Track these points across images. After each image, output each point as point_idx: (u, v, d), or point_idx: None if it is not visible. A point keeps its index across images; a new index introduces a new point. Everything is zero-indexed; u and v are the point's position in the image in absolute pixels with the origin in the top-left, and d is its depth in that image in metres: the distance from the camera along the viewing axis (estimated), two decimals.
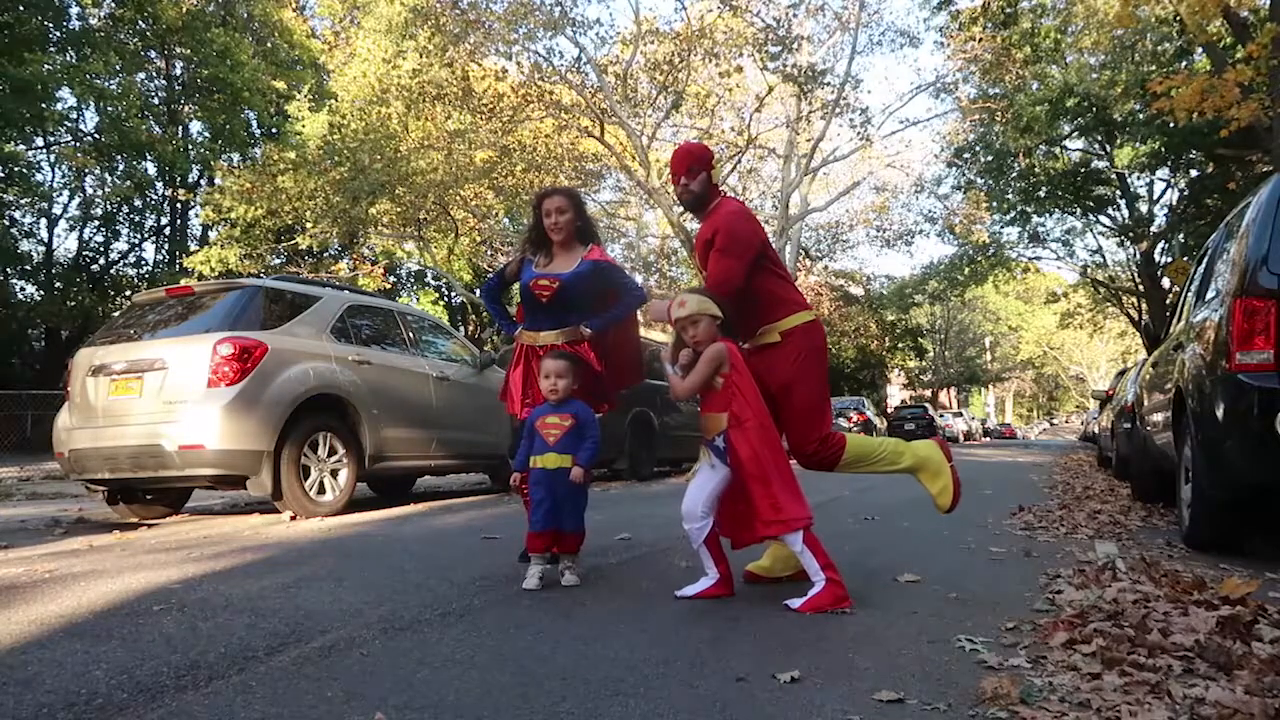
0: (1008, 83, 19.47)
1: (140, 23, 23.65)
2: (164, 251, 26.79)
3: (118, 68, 22.28)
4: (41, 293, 23.90)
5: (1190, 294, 5.31)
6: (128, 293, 24.16)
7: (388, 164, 16.22)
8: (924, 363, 48.96)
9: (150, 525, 6.11)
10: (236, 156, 24.89)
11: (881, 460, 3.35)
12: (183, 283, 12.45)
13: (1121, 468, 9.43)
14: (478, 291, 27.53)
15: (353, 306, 6.96)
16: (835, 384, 35.95)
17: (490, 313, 4.15)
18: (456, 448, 7.52)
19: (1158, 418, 5.59)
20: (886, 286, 35.40)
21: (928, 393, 51.76)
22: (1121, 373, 14.24)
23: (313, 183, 16.64)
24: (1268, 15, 12.13)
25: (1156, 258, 23.99)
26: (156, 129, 24.12)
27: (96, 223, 25.68)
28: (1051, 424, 72.06)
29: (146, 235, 27.14)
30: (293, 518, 5.88)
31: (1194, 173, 21.93)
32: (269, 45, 26.21)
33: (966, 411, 52.14)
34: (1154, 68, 18.93)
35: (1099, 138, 23.85)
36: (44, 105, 20.62)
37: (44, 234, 24.87)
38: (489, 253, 22.62)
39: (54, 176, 24.53)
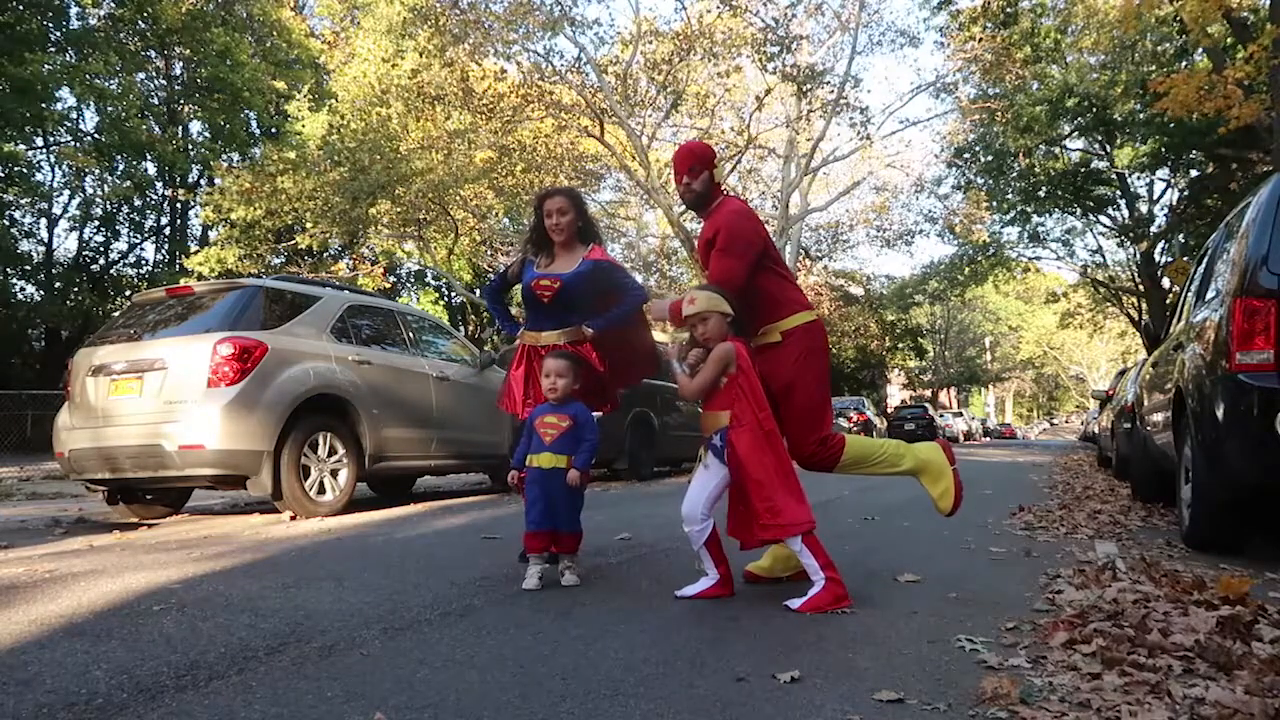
0: (1008, 83, 19.47)
1: (140, 23, 23.64)
2: (164, 251, 26.80)
3: (118, 67, 22.28)
4: (41, 293, 23.91)
5: (1190, 294, 5.31)
6: (128, 293, 24.17)
7: (387, 164, 16.22)
8: (924, 363, 48.97)
9: (150, 525, 6.11)
10: (236, 156, 24.90)
11: (882, 462, 3.35)
12: (183, 283, 12.45)
13: (1121, 468, 9.43)
14: (478, 291, 27.57)
15: (353, 306, 6.96)
16: (835, 384, 35.91)
17: (492, 313, 4.16)
18: (457, 448, 7.52)
19: (1158, 418, 5.59)
20: (886, 286, 35.41)
21: (928, 393, 51.77)
22: (1121, 373, 14.24)
23: (311, 183, 16.64)
24: (1268, 16, 12.13)
25: (1156, 258, 24.00)
26: (156, 129, 24.13)
27: (96, 223, 25.69)
28: (1051, 424, 72.07)
29: (146, 235, 27.15)
30: (293, 518, 5.88)
31: (1194, 173, 21.95)
32: (268, 45, 26.21)
33: (966, 411, 52.15)
34: (1154, 68, 18.94)
35: (1099, 138, 23.86)
36: (44, 105, 20.62)
37: (44, 234, 24.88)
38: (489, 253, 22.63)
39: (54, 176, 24.55)
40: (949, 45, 19.41)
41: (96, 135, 23.64)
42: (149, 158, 23.99)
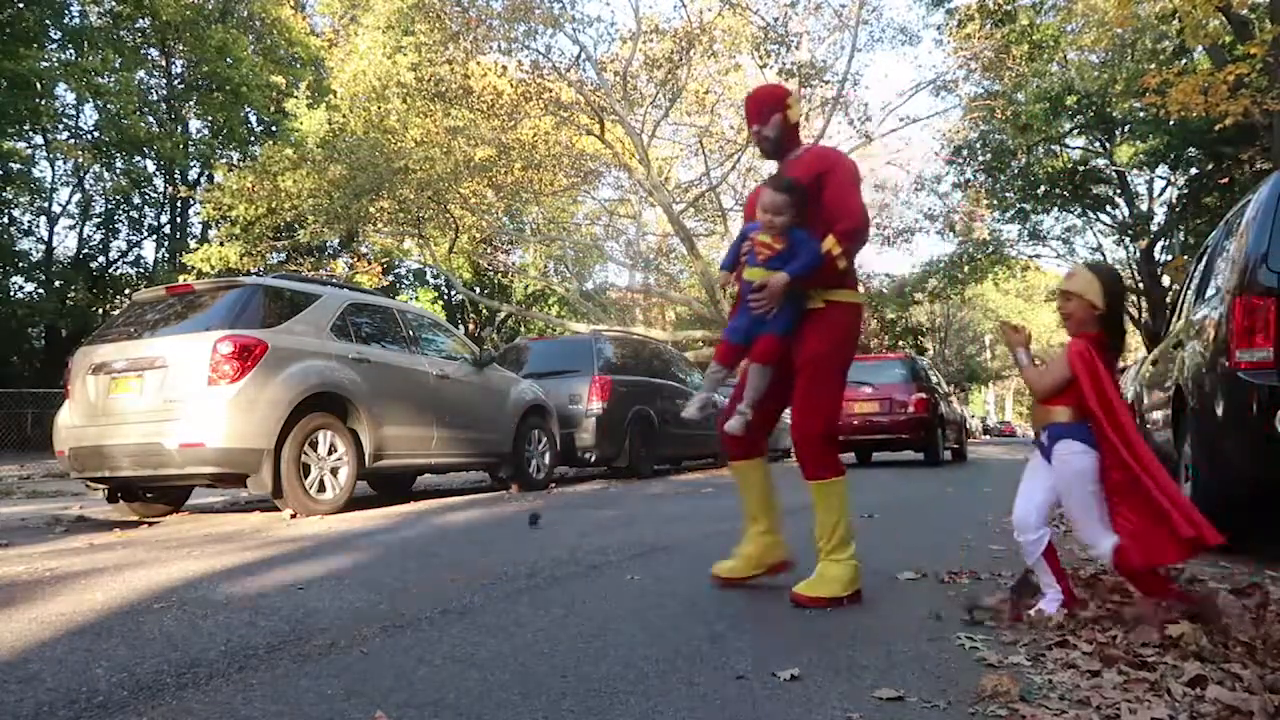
0: (1007, 81, 19.45)
1: (140, 20, 23.63)
2: (164, 249, 26.82)
3: (117, 64, 22.28)
4: (41, 291, 23.91)
5: (1190, 292, 5.31)
6: (127, 291, 24.18)
7: (387, 160, 16.22)
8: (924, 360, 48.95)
9: (151, 523, 6.11)
10: (236, 154, 24.89)
11: (834, 528, 3.02)
12: (182, 281, 12.40)
13: None
14: (477, 289, 27.56)
15: (353, 305, 6.96)
16: None
17: None
18: (457, 446, 7.52)
19: (1157, 415, 5.58)
20: (886, 285, 35.41)
21: None
22: (1121, 370, 14.24)
23: (311, 181, 16.64)
24: (1267, 14, 12.13)
25: (1156, 255, 23.98)
26: (155, 126, 24.12)
27: (96, 220, 25.69)
28: None
29: (146, 233, 27.14)
30: (293, 516, 5.88)
31: (1194, 170, 21.93)
32: (267, 42, 26.20)
33: (966, 409, 52.17)
34: (1153, 66, 18.94)
35: (1099, 135, 23.84)
36: (40, 101, 20.62)
37: (43, 232, 24.89)
38: (489, 250, 22.61)
39: (53, 174, 24.55)
40: (949, 42, 19.40)
41: (95, 132, 23.64)
42: (149, 155, 23.99)
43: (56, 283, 24.10)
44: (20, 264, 23.66)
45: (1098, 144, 24.46)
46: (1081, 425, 2.67)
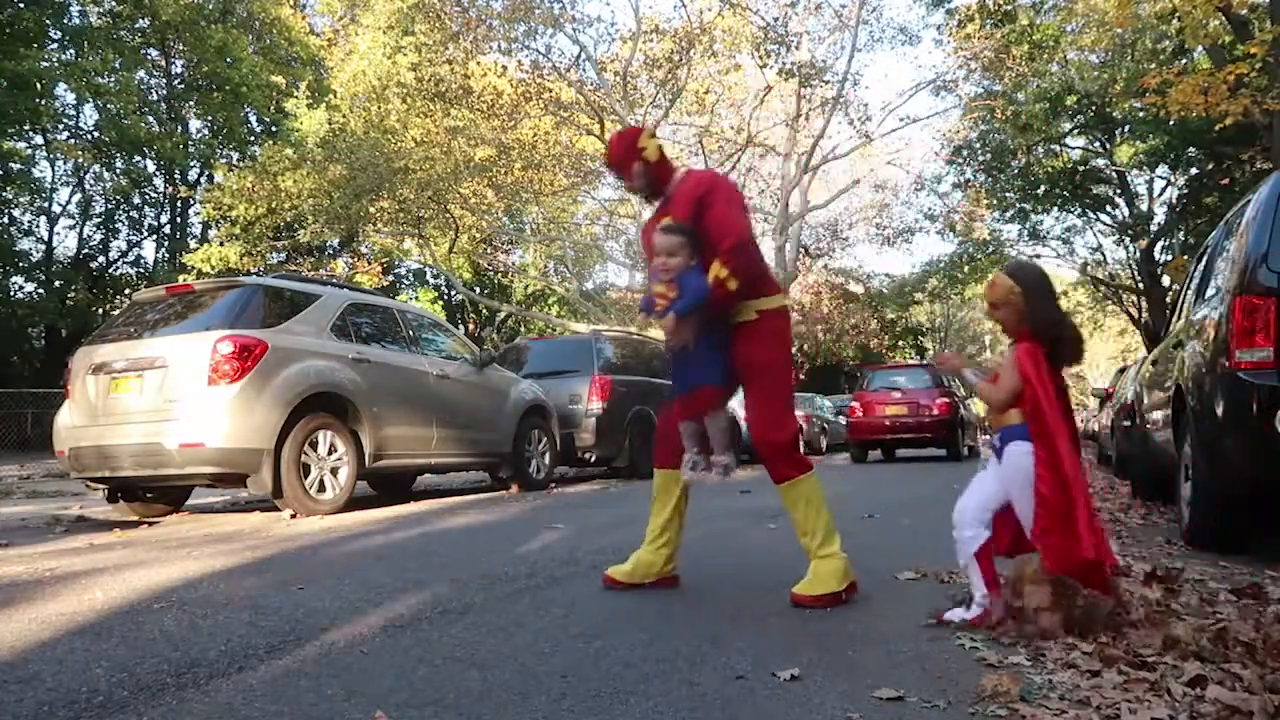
0: (1007, 81, 19.44)
1: (140, 20, 23.63)
2: (164, 249, 26.82)
3: (116, 64, 22.28)
4: (41, 291, 23.91)
5: (1190, 292, 5.31)
6: (127, 291, 24.18)
7: (387, 159, 16.22)
8: (924, 360, 48.95)
9: (151, 523, 6.11)
10: (236, 154, 24.90)
11: (808, 526, 3.05)
12: (182, 281, 12.40)
13: (1121, 465, 9.44)
14: (477, 289, 27.58)
15: (353, 305, 6.96)
16: (835, 382, 35.95)
17: None
18: (457, 446, 7.52)
19: (1157, 415, 5.59)
20: (886, 285, 35.44)
21: None
22: (1121, 370, 14.24)
23: (311, 181, 16.64)
24: (1268, 14, 12.13)
25: (1156, 255, 23.98)
26: (155, 126, 24.12)
27: (96, 220, 25.69)
28: None
29: (146, 233, 27.14)
30: (293, 516, 5.88)
31: (1194, 170, 21.92)
32: (267, 42, 26.19)
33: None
34: (1153, 66, 18.94)
35: (1099, 135, 23.84)
36: (41, 101, 20.63)
37: (43, 232, 24.89)
38: (488, 250, 22.60)
39: (53, 174, 24.54)
40: (949, 42, 19.41)
41: (95, 132, 23.65)
42: (149, 155, 23.99)
43: (56, 283, 24.09)
44: (20, 264, 23.65)
45: (1098, 144, 24.47)
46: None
